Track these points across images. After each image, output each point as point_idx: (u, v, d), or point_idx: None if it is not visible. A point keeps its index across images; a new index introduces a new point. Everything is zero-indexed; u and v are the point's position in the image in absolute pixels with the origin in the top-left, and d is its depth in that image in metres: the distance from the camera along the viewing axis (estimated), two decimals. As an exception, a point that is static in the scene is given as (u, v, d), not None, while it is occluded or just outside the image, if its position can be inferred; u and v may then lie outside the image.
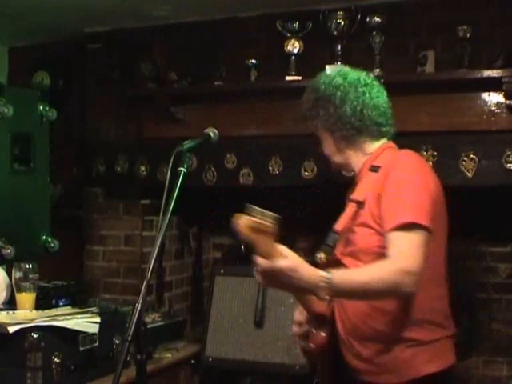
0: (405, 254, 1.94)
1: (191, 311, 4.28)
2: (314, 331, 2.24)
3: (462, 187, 3.19)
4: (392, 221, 1.99)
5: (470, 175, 3.11)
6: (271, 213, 1.80)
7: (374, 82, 2.27)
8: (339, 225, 2.19)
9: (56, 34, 4.08)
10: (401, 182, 2.06)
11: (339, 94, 2.20)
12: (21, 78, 4.37)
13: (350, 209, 2.17)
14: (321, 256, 2.14)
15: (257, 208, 1.78)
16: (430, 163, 3.16)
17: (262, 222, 1.77)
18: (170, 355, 3.52)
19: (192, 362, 3.67)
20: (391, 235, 1.98)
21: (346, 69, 2.31)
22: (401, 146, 2.35)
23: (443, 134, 3.20)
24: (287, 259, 1.83)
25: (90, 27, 4.02)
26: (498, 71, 3.01)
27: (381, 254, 2.02)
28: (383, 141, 2.26)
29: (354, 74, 2.26)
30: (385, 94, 2.27)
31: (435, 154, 3.17)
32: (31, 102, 3.46)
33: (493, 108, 3.13)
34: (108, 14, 3.75)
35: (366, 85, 2.22)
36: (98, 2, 3.52)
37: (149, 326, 2.48)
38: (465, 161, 3.12)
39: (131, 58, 3.90)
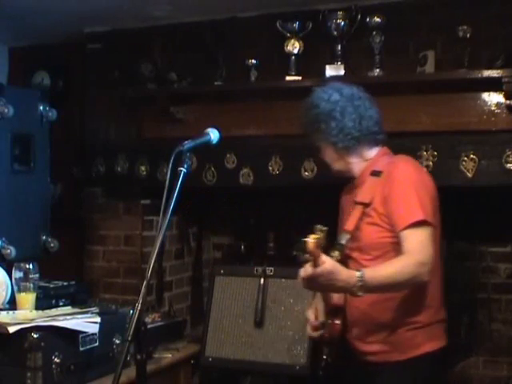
0: (418, 248, 2.23)
1: (191, 311, 4.28)
2: (329, 321, 2.50)
3: (462, 187, 3.19)
4: (404, 220, 2.27)
5: (470, 175, 3.11)
6: (319, 226, 2.09)
7: (366, 96, 2.51)
8: (349, 225, 2.44)
9: (56, 34, 4.07)
10: (405, 185, 2.34)
11: (338, 108, 2.43)
12: (21, 78, 4.37)
13: (357, 210, 2.43)
14: (335, 254, 2.37)
15: (319, 226, 2.07)
16: (431, 163, 3.16)
17: (320, 237, 2.05)
18: (170, 355, 3.51)
19: (192, 362, 3.66)
20: (405, 233, 2.26)
21: (339, 84, 2.54)
22: (401, 146, 2.38)
23: (443, 134, 3.20)
24: (326, 264, 2.09)
25: (90, 27, 4.02)
26: (498, 71, 3.01)
27: (388, 246, 2.33)
28: (379, 147, 2.51)
29: (347, 88, 2.49)
30: (375, 105, 2.52)
31: (435, 153, 3.17)
32: (31, 101, 3.45)
33: (493, 108, 3.13)
34: (108, 14, 3.74)
35: (359, 98, 2.47)
36: (97, 2, 3.52)
37: (149, 326, 2.48)
38: (465, 161, 3.12)
39: (131, 58, 3.89)
